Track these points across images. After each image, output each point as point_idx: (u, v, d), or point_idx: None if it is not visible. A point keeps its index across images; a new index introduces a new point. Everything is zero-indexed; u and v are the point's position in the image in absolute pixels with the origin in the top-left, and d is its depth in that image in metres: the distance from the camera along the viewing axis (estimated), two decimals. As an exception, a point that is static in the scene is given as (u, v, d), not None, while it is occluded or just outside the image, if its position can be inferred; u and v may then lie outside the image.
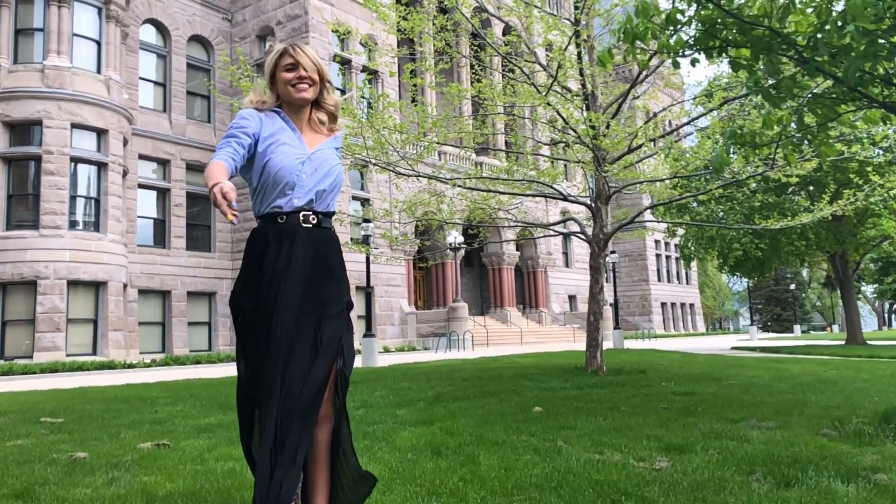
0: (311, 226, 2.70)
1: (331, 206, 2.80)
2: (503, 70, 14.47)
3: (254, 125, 2.71)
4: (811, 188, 22.76)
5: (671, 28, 5.76)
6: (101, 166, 23.98)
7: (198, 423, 6.63)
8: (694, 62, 6.24)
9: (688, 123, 13.13)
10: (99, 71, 24.51)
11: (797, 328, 59.77)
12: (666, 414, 6.43)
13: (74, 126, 23.32)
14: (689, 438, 5.01)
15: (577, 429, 5.63)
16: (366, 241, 20.36)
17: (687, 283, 59.90)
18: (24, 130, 23.15)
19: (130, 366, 20.47)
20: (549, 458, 4.43)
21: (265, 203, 2.72)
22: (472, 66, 14.08)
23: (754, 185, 20.15)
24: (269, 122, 2.76)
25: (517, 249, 40.98)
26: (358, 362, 17.65)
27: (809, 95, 5.88)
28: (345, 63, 31.33)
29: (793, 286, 73.97)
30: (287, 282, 2.61)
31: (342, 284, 2.78)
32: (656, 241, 55.05)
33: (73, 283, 22.49)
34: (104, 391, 10.85)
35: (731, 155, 11.19)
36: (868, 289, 58.76)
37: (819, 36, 5.27)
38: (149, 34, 29.80)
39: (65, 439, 5.78)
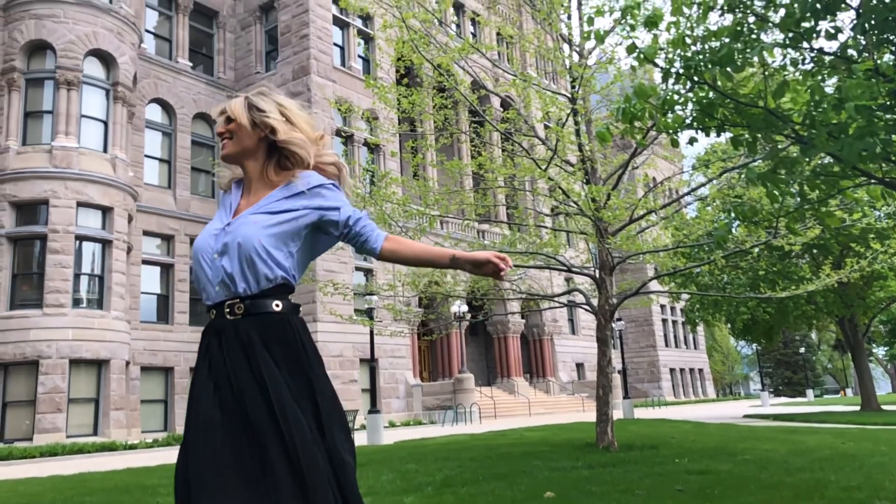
0: (238, 317, 2.15)
1: (262, 282, 2.14)
2: (502, 143, 14.68)
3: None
4: (815, 251, 22.74)
5: (668, 109, 5.84)
6: (106, 244, 24.12)
7: (198, 516, 6.40)
8: (692, 141, 6.30)
9: (688, 194, 13.20)
10: (105, 150, 24.92)
11: (810, 392, 58.75)
12: (682, 498, 6.22)
13: (80, 204, 23.56)
14: (706, 529, 4.82)
15: (590, 518, 5.43)
16: (369, 314, 20.30)
17: (695, 348, 59.30)
18: (30, 210, 23.39)
19: (132, 447, 20.09)
20: (561, 556, 4.24)
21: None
22: (471, 140, 14.29)
23: (757, 250, 20.14)
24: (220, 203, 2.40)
25: (522, 317, 40.73)
26: (363, 440, 17.31)
27: (807, 173, 5.90)
28: (348, 138, 31.87)
29: (802, 349, 73.06)
30: (206, 395, 2.08)
31: (298, 379, 2.08)
32: (662, 306, 54.74)
33: (76, 362, 22.29)
34: (104, 478, 10.59)
35: (734, 227, 11.20)
36: (879, 350, 58.04)
37: (815, 114, 5.32)
38: (154, 113, 30.42)
39: (60, 539, 5.59)
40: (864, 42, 4.95)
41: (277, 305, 2.17)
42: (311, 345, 2.18)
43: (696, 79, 5.44)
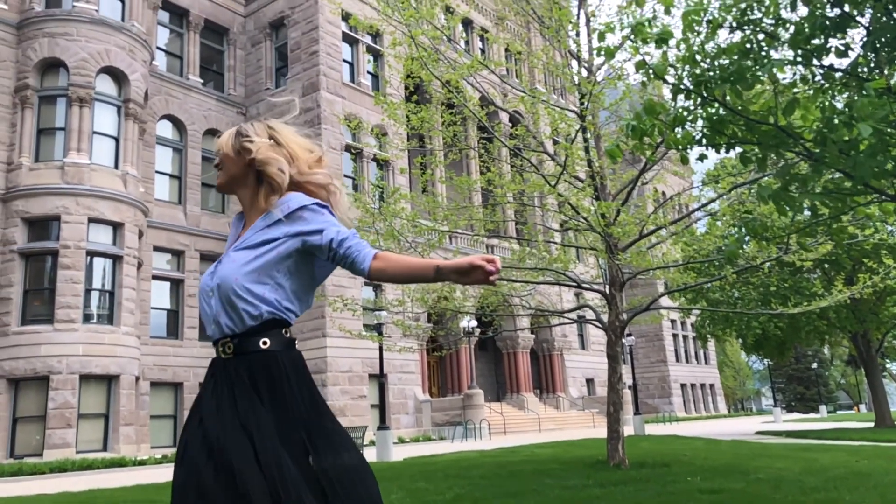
0: (230, 356, 2.12)
1: (246, 320, 2.11)
2: (511, 159, 14.70)
3: None
4: (827, 266, 22.59)
5: (678, 125, 5.82)
6: (116, 259, 24.23)
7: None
8: (702, 157, 6.28)
9: (699, 209, 13.15)
10: (116, 166, 25.09)
11: (823, 408, 58.18)
12: (693, 518, 6.15)
13: (91, 220, 23.71)
14: (720, 551, 4.75)
15: (602, 539, 5.37)
16: (378, 330, 20.27)
17: (706, 363, 58.89)
18: (42, 226, 23.55)
19: (141, 462, 20.07)
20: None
21: None
22: (480, 156, 14.32)
23: (768, 265, 20.04)
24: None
25: (532, 333, 40.59)
26: (372, 456, 17.24)
27: (819, 189, 5.86)
28: (357, 154, 31.99)
29: (815, 364, 72.40)
30: (198, 434, 2.05)
31: (285, 417, 2.05)
32: (672, 322, 54.43)
33: (86, 378, 22.34)
34: (113, 495, 10.57)
35: (745, 243, 11.14)
36: (893, 366, 57.49)
37: (826, 131, 5.30)
38: (165, 129, 30.64)
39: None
40: (874, 59, 4.93)
41: (265, 343, 2.12)
42: (299, 381, 2.12)
43: (705, 95, 5.43)
